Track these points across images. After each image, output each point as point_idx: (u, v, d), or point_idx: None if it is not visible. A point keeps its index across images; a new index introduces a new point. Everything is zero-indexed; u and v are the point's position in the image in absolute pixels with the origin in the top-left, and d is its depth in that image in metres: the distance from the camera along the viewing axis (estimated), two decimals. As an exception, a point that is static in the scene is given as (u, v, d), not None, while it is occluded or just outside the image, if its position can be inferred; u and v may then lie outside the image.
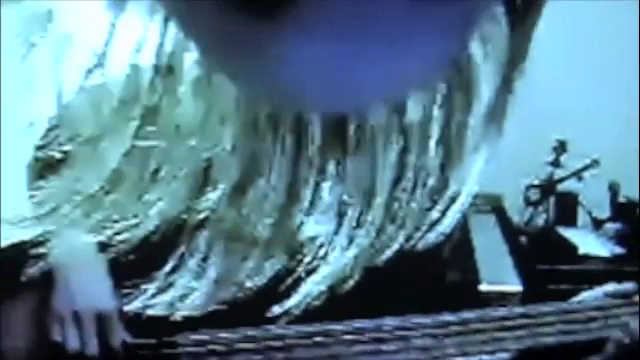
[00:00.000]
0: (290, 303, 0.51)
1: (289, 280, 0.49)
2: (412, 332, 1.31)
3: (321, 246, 0.47)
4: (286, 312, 0.53)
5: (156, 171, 0.43)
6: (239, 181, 0.42)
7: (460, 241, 1.80)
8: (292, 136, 0.39)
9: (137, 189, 0.44)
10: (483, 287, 1.99)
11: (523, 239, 2.98)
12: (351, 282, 0.49)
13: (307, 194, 0.42)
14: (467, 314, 1.34)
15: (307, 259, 0.47)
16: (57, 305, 1.31)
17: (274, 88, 0.26)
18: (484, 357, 1.36)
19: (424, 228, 0.47)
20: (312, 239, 0.46)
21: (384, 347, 1.31)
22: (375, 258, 0.48)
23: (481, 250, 2.06)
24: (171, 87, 0.39)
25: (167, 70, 0.37)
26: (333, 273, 0.47)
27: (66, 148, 0.45)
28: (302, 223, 0.45)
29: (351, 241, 0.46)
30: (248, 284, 0.48)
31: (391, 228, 0.46)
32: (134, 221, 0.47)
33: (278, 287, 0.52)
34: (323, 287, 0.49)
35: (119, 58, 0.39)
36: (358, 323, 1.31)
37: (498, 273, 2.18)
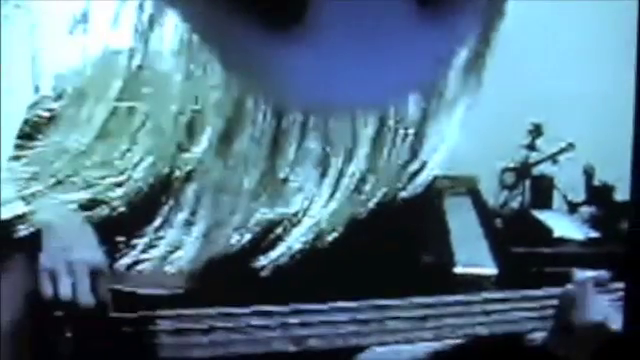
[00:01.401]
0: (275, 254, 0.51)
1: (274, 232, 0.49)
2: (386, 314, 1.32)
3: (305, 198, 0.47)
4: (271, 262, 0.53)
5: (142, 125, 0.43)
6: (225, 131, 0.42)
7: (435, 223, 1.80)
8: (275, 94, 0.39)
9: (123, 145, 0.44)
10: (458, 270, 1.99)
11: (498, 222, 2.99)
12: (333, 235, 0.49)
13: (291, 146, 0.43)
14: (442, 298, 1.34)
15: (292, 211, 0.48)
16: (47, 260, 1.30)
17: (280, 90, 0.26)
18: (458, 341, 1.36)
19: (404, 180, 0.48)
20: (297, 190, 0.47)
21: (360, 329, 1.31)
22: (357, 210, 0.48)
23: (456, 233, 2.07)
24: (154, 48, 0.39)
25: (148, 29, 0.37)
26: (316, 225, 0.48)
27: (53, 106, 0.45)
28: (287, 175, 0.45)
29: (334, 193, 0.46)
30: (235, 237, 0.48)
31: (372, 180, 0.46)
32: (121, 177, 0.47)
33: (264, 239, 0.52)
34: (306, 239, 0.49)
35: (101, 15, 0.39)
36: (333, 304, 1.31)
37: (473, 256, 2.19)
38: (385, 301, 1.32)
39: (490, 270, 2.17)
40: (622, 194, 2.85)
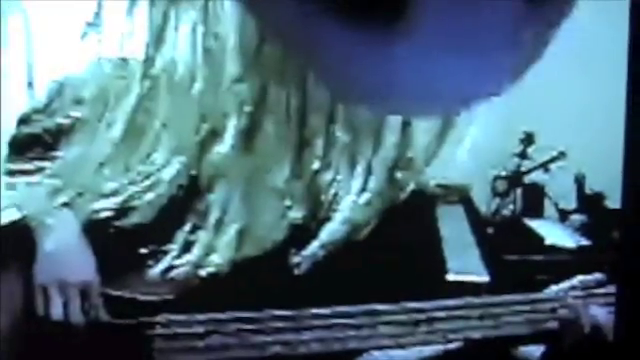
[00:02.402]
0: (308, 252, 0.51)
1: (308, 229, 0.49)
2: (378, 319, 1.32)
3: (336, 192, 0.46)
4: (305, 259, 0.53)
5: (163, 128, 0.43)
6: (248, 125, 0.41)
7: (427, 231, 1.80)
8: (300, 85, 0.39)
9: (146, 149, 0.43)
10: (450, 277, 1.99)
11: (490, 230, 2.99)
12: (368, 228, 0.49)
13: (319, 139, 0.42)
14: (432, 303, 1.35)
15: (324, 207, 0.47)
16: (40, 275, 1.30)
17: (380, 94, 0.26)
18: (449, 346, 1.37)
19: (431, 167, 0.48)
20: (329, 184, 0.46)
21: (352, 333, 1.31)
22: (391, 200, 0.48)
23: (448, 240, 2.07)
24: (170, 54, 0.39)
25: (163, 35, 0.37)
26: (349, 219, 0.48)
27: (73, 113, 0.44)
28: (318, 169, 0.44)
29: (365, 184, 0.46)
30: (269, 237, 0.47)
31: (402, 169, 0.46)
32: (147, 182, 0.47)
33: (296, 236, 0.51)
34: (340, 235, 0.49)
35: (112, 24, 0.39)
36: (328, 309, 1.31)
37: (465, 263, 2.19)
38: (377, 306, 1.32)
39: (482, 278, 2.17)
40: (613, 202, 2.86)
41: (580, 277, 1.42)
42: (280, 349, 1.29)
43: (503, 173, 3.07)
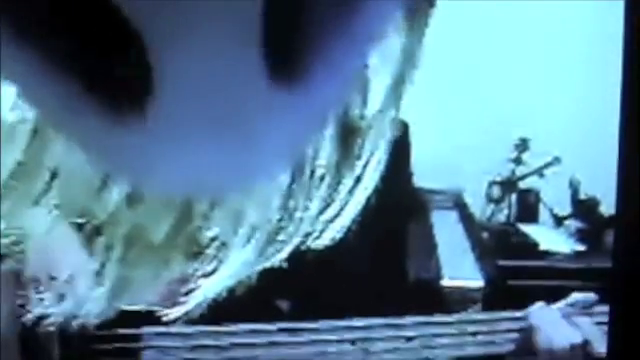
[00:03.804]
0: (186, 308, 0.50)
1: (187, 284, 0.48)
2: (373, 334, 1.32)
3: (220, 246, 0.46)
4: (184, 315, 0.52)
5: (52, 177, 0.41)
6: (136, 187, 0.41)
7: (422, 237, 1.80)
8: None
9: (32, 195, 0.42)
10: (445, 282, 1.99)
11: (485, 235, 2.99)
12: (251, 283, 0.48)
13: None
14: (427, 318, 1.34)
15: (206, 262, 0.46)
16: (31, 271, 1.29)
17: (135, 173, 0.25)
18: None
19: (320, 227, 0.47)
20: (212, 240, 0.46)
21: (345, 347, 1.31)
22: (273, 257, 0.47)
23: (443, 246, 2.07)
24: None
25: None
26: (232, 275, 0.47)
27: None
28: (201, 225, 0.44)
29: (249, 240, 0.45)
30: (146, 291, 0.46)
31: (288, 226, 0.45)
32: (30, 230, 0.46)
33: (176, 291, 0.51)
34: (219, 290, 0.48)
35: None
36: (317, 323, 1.31)
37: (460, 269, 2.19)
38: (372, 320, 1.32)
39: (477, 283, 2.17)
40: (608, 208, 2.86)
41: (574, 295, 1.41)
42: None
43: (498, 179, 3.07)
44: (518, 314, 1.37)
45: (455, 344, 1.33)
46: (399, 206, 1.45)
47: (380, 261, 1.43)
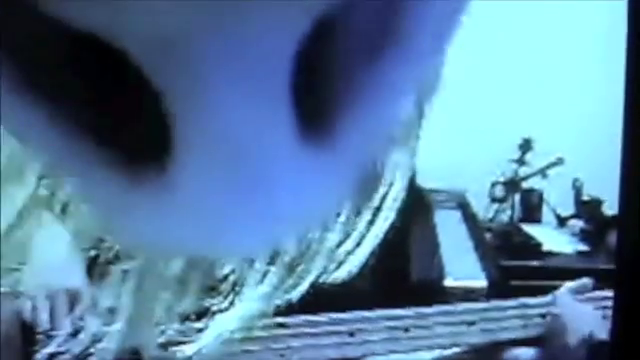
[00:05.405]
0: (200, 344, 0.49)
1: (201, 320, 0.47)
2: (372, 326, 1.32)
3: (235, 283, 0.45)
4: (198, 354, 0.51)
5: (65, 207, 0.40)
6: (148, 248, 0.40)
7: (425, 237, 1.80)
8: None
9: (45, 227, 0.42)
10: (448, 283, 1.99)
11: (488, 235, 3.00)
12: (266, 319, 0.47)
13: None
14: (425, 309, 1.34)
15: (220, 297, 0.46)
16: (28, 284, 1.29)
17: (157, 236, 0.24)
18: (444, 352, 1.37)
19: (335, 264, 0.46)
20: (226, 276, 0.45)
21: (348, 339, 1.31)
22: (288, 293, 0.46)
23: (446, 246, 2.07)
24: None
25: None
26: (246, 312, 0.46)
27: None
28: (217, 261, 0.43)
29: (264, 277, 0.45)
30: (161, 324, 0.45)
31: (303, 263, 0.45)
32: (38, 263, 0.45)
33: (190, 326, 0.50)
34: (234, 327, 0.47)
35: None
36: (317, 316, 1.31)
37: (463, 269, 2.19)
38: (370, 313, 1.32)
39: (480, 283, 2.17)
40: (611, 208, 2.86)
41: (570, 283, 1.42)
42: (269, 357, 1.29)
43: (501, 179, 3.07)
44: (522, 301, 1.38)
45: (452, 333, 1.33)
46: (402, 205, 1.45)
47: (381, 261, 1.43)
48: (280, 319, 1.29)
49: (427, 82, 0.32)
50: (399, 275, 1.49)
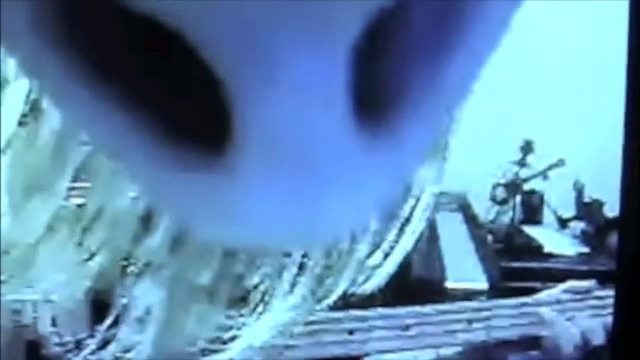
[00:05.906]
0: (230, 354, 0.49)
1: (231, 331, 0.47)
2: (371, 324, 1.32)
3: (264, 294, 0.45)
4: None
5: (94, 219, 0.40)
6: (180, 231, 0.40)
7: (427, 239, 1.80)
8: None
9: (74, 239, 0.41)
10: (449, 284, 2.00)
11: (489, 237, 3.00)
12: (298, 328, 0.47)
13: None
14: (425, 308, 1.35)
15: (250, 307, 0.46)
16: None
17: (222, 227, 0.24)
18: (440, 351, 1.37)
19: (364, 275, 0.46)
20: (255, 286, 0.45)
21: (350, 337, 1.31)
22: (317, 304, 0.46)
23: (447, 248, 2.07)
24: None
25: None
26: (276, 323, 0.46)
27: None
28: (244, 272, 0.43)
29: (293, 287, 0.44)
30: (192, 335, 0.45)
31: (332, 275, 0.45)
32: (73, 274, 0.45)
33: (220, 337, 0.50)
34: (266, 337, 0.47)
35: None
36: (322, 313, 1.31)
37: (464, 270, 2.19)
38: (369, 312, 1.32)
39: (481, 285, 2.17)
40: (612, 209, 2.86)
41: (569, 284, 1.42)
42: (272, 355, 1.29)
43: (502, 181, 3.07)
44: (521, 300, 1.38)
45: (452, 331, 1.34)
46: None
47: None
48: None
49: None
50: (398, 275, 1.49)
